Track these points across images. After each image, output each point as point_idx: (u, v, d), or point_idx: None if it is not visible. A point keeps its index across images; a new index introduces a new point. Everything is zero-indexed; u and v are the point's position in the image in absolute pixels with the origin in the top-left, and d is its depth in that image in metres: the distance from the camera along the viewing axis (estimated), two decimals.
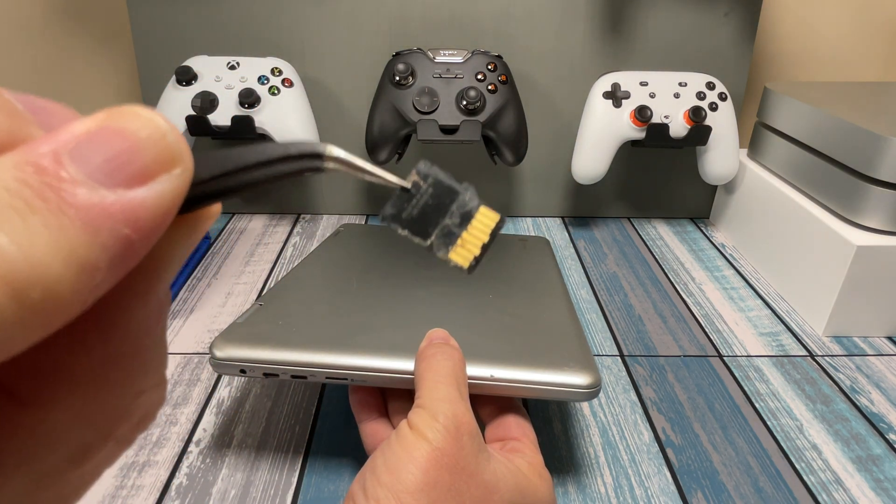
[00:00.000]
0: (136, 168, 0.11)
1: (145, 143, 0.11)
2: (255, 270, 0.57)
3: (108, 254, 0.10)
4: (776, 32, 0.74)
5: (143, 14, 0.61)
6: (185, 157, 0.12)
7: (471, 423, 0.27)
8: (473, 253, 0.17)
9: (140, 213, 0.11)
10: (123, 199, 0.10)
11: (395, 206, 0.17)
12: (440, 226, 0.17)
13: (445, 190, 0.17)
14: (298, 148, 0.14)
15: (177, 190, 0.11)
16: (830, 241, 0.49)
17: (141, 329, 0.13)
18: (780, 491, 0.36)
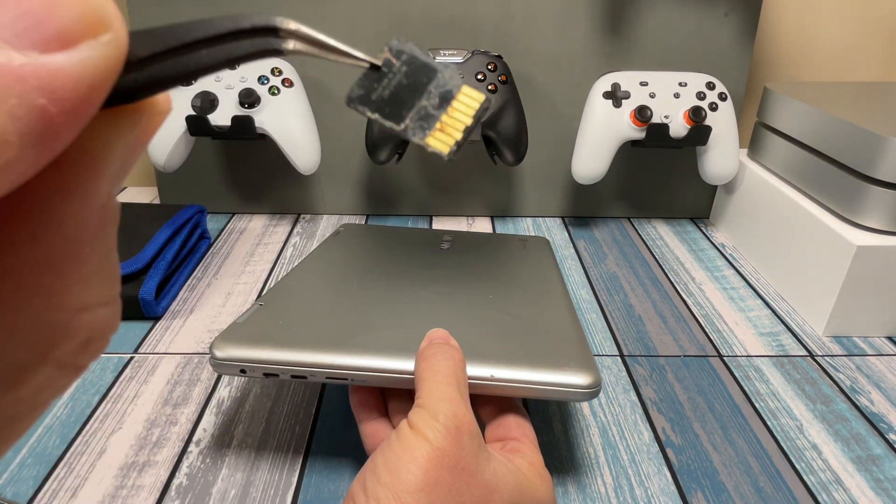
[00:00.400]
0: (53, 29, 0.09)
1: (63, 1, 0.09)
2: (255, 270, 0.57)
3: (20, 125, 0.09)
4: (776, 32, 0.74)
5: (143, 14, 0.61)
6: (114, 23, 0.10)
7: (471, 422, 0.27)
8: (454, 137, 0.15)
9: (58, 81, 0.09)
10: (36, 63, 0.09)
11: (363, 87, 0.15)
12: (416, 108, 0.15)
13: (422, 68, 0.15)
14: (251, 20, 0.13)
15: (105, 60, 0.10)
16: (830, 241, 0.49)
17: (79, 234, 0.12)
18: (780, 491, 0.36)
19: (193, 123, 0.55)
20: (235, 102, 0.56)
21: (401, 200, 0.69)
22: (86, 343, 0.13)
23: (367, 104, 0.15)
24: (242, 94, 0.55)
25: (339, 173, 0.68)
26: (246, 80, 0.57)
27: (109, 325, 0.13)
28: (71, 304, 0.12)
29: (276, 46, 0.13)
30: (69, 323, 0.12)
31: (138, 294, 0.48)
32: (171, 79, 0.12)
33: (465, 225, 0.68)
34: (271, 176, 0.68)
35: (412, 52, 0.15)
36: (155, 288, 0.48)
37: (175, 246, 0.52)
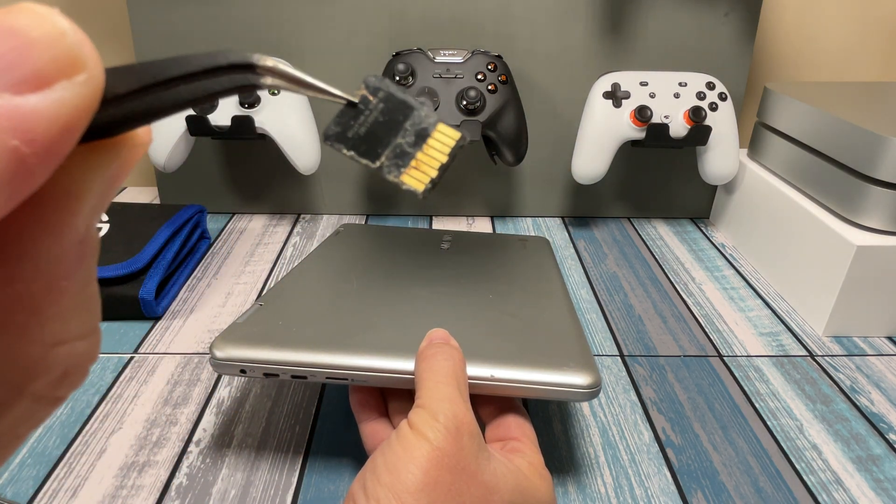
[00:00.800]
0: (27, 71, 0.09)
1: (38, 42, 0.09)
2: (255, 270, 0.57)
3: None
4: (776, 32, 0.74)
5: (143, 14, 0.61)
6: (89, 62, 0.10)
7: (471, 423, 0.27)
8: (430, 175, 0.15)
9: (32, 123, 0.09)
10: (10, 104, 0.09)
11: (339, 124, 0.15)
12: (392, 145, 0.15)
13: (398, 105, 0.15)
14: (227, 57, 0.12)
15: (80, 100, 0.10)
16: (830, 241, 0.49)
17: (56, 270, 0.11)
18: (780, 491, 0.36)
19: (193, 123, 0.55)
20: (235, 102, 0.56)
21: (401, 200, 0.69)
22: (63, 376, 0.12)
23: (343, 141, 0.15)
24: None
25: (339, 173, 0.68)
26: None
27: (88, 356, 0.13)
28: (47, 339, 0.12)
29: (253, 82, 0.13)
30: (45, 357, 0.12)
31: (138, 294, 0.48)
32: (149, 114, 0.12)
33: (465, 225, 0.68)
34: (271, 176, 0.68)
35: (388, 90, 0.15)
36: (155, 288, 0.48)
37: (175, 246, 0.52)
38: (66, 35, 0.10)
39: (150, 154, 0.57)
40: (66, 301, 0.12)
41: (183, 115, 0.55)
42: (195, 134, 0.56)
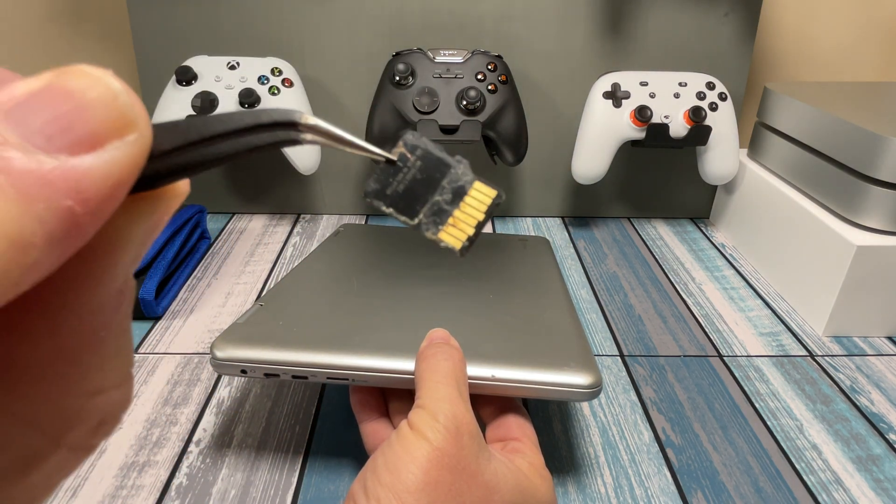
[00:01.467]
0: (82, 132, 0.09)
1: (93, 104, 0.10)
2: (255, 270, 0.57)
3: (46, 228, 0.09)
4: (776, 32, 0.74)
5: (143, 14, 0.61)
6: (140, 122, 0.10)
7: (471, 423, 0.27)
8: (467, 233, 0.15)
9: (85, 183, 0.09)
10: (65, 166, 0.09)
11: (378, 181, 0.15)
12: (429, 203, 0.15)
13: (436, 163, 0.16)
14: (270, 115, 0.13)
15: (131, 159, 0.10)
16: (830, 241, 0.49)
17: (96, 320, 0.12)
18: (780, 491, 0.36)
19: None
20: (235, 102, 0.56)
21: None
22: (99, 425, 0.12)
23: (382, 199, 0.15)
24: (242, 94, 0.55)
25: (339, 173, 0.68)
26: (246, 80, 0.57)
27: (122, 405, 0.13)
28: (86, 390, 0.12)
29: (294, 138, 0.13)
30: (84, 407, 0.12)
31: (138, 294, 0.48)
32: (191, 168, 0.12)
33: None
34: (271, 176, 0.68)
35: (426, 147, 0.16)
36: (155, 288, 0.48)
37: (175, 246, 0.52)
38: (119, 97, 0.10)
39: None
40: (104, 350, 0.12)
41: (184, 115, 0.55)
42: None
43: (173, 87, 0.57)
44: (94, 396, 0.12)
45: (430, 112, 0.56)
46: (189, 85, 0.56)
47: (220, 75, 0.57)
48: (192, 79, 0.56)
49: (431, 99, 0.56)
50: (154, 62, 0.63)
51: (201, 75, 0.57)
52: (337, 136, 0.14)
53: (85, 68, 0.10)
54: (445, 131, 0.56)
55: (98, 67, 0.10)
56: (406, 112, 0.56)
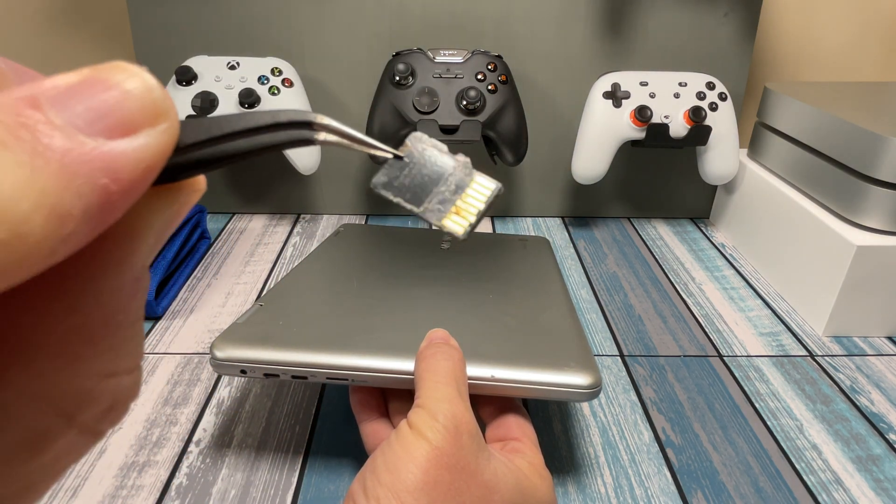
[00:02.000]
0: (119, 118, 0.10)
1: (130, 94, 0.11)
2: (255, 270, 0.57)
3: (83, 202, 0.10)
4: (776, 32, 0.74)
5: (143, 14, 0.61)
6: (170, 114, 0.11)
7: (470, 422, 0.27)
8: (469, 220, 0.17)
9: (120, 164, 0.10)
10: (103, 148, 0.10)
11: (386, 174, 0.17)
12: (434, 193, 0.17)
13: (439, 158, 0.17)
14: (287, 115, 0.14)
15: (160, 146, 0.11)
16: (830, 241, 0.49)
17: (113, 303, 0.12)
18: (780, 491, 0.36)
19: None
20: (235, 102, 0.56)
21: None
22: (108, 409, 0.13)
23: (390, 189, 0.17)
24: (242, 94, 0.55)
25: (339, 173, 0.68)
26: (246, 80, 0.57)
27: (131, 392, 0.14)
28: (99, 371, 0.12)
29: (308, 137, 0.14)
30: (95, 389, 0.12)
31: None
32: (212, 162, 0.13)
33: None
34: (271, 176, 0.68)
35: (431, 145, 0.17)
36: (155, 288, 0.48)
37: (175, 246, 0.52)
38: (154, 90, 0.11)
39: None
40: (118, 335, 0.13)
41: (183, 115, 0.55)
42: None
43: (173, 87, 0.57)
44: (106, 379, 0.13)
45: (430, 112, 0.56)
46: (189, 85, 0.56)
47: (220, 75, 0.57)
48: (192, 79, 0.56)
49: (431, 99, 0.56)
50: (154, 62, 0.63)
51: (201, 75, 0.57)
52: (349, 134, 0.15)
53: (123, 63, 0.11)
54: (445, 131, 0.56)
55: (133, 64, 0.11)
56: (406, 112, 0.56)
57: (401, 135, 0.57)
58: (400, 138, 0.57)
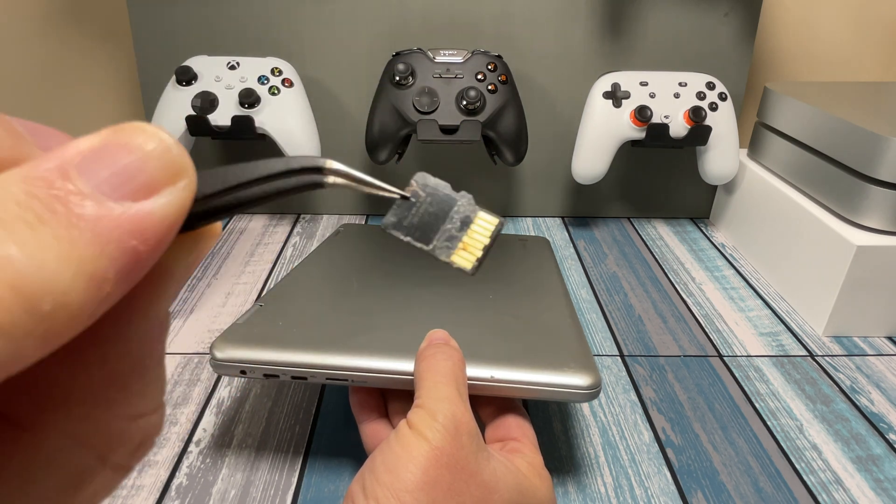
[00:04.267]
0: (143, 181, 0.11)
1: (150, 156, 0.11)
2: (255, 270, 0.57)
3: (116, 265, 0.10)
4: (776, 32, 0.74)
5: (143, 14, 0.61)
6: (189, 170, 0.12)
7: (470, 422, 0.27)
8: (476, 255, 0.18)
9: (147, 224, 0.11)
10: (130, 212, 0.11)
11: (395, 215, 0.18)
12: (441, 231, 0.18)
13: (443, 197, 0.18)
14: (299, 162, 0.15)
15: (182, 202, 0.11)
16: (830, 241, 0.49)
17: (141, 348, 0.13)
18: (780, 491, 0.36)
19: (193, 123, 0.55)
20: (235, 102, 0.56)
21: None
22: (138, 447, 0.14)
23: (400, 230, 0.18)
24: (242, 94, 0.55)
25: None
26: (246, 80, 0.57)
27: (157, 428, 0.14)
28: (130, 414, 0.13)
29: (318, 181, 0.15)
30: (127, 429, 0.13)
31: None
32: (228, 209, 0.14)
33: None
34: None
35: (435, 185, 0.18)
36: None
37: None
38: (172, 149, 0.11)
39: None
40: (146, 377, 0.13)
41: (183, 115, 0.55)
42: (195, 134, 0.56)
43: (173, 87, 0.57)
44: (136, 420, 0.13)
45: (430, 112, 0.56)
46: (189, 85, 0.56)
47: (220, 75, 0.57)
48: (192, 79, 0.56)
49: (431, 99, 0.56)
50: (154, 62, 0.63)
51: (201, 75, 0.57)
52: (357, 178, 0.16)
53: (140, 124, 0.11)
54: (445, 131, 0.56)
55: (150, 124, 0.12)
56: (406, 112, 0.56)
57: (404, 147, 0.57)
58: (399, 139, 0.57)
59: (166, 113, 0.56)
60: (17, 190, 0.10)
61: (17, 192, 0.10)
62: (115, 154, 0.11)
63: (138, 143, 0.11)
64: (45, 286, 0.09)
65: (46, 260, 0.09)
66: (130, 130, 0.11)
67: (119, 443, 0.13)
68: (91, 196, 0.10)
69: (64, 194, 0.10)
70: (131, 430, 0.13)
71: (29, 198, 0.10)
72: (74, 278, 0.10)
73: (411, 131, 0.57)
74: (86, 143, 0.11)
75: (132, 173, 0.11)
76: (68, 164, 0.10)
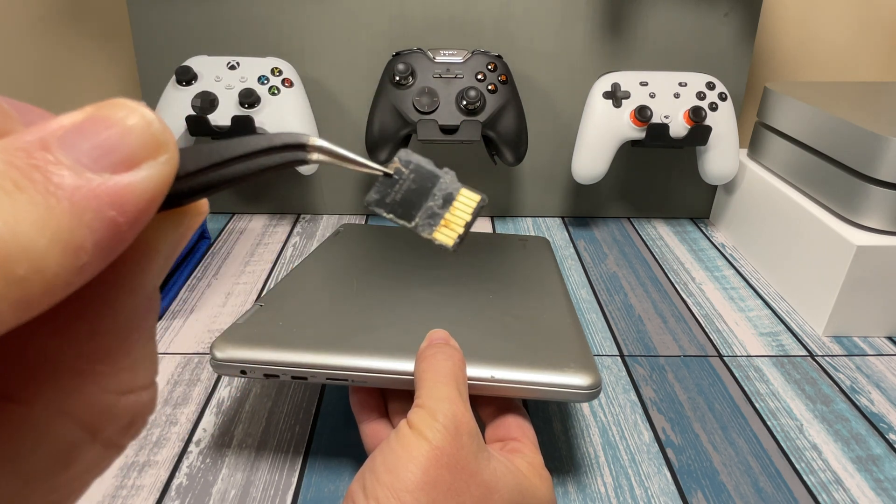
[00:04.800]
0: (122, 154, 0.11)
1: (131, 130, 0.11)
2: (255, 270, 0.57)
3: (94, 235, 0.10)
4: (776, 32, 0.74)
5: (143, 14, 0.61)
6: (170, 145, 0.12)
7: (470, 422, 0.27)
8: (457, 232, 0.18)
9: (126, 196, 0.11)
10: (109, 183, 0.11)
11: (378, 192, 0.18)
12: (423, 208, 0.18)
13: (426, 174, 0.18)
14: (282, 138, 0.15)
15: (162, 176, 0.12)
16: (830, 241, 0.49)
17: (129, 323, 0.13)
18: (780, 491, 0.36)
19: (193, 123, 0.55)
20: (235, 102, 0.56)
21: None
22: (129, 424, 0.14)
23: (382, 206, 0.18)
24: (242, 94, 0.55)
25: (339, 173, 0.68)
26: (246, 80, 0.57)
27: (149, 407, 0.14)
28: (119, 388, 0.13)
29: (302, 158, 0.15)
30: (116, 405, 0.13)
31: None
32: (212, 187, 0.14)
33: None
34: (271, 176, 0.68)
35: (418, 162, 0.18)
36: None
37: None
38: (153, 124, 0.12)
39: None
40: (135, 353, 0.14)
41: (183, 115, 0.55)
42: (195, 134, 0.56)
43: (173, 87, 0.57)
44: (126, 395, 0.14)
45: (430, 112, 0.56)
46: (189, 85, 0.56)
47: (220, 75, 0.57)
48: (192, 79, 0.56)
49: (431, 99, 0.56)
50: (154, 62, 0.63)
51: (201, 75, 0.57)
52: (340, 154, 0.16)
53: (122, 100, 0.12)
54: (445, 131, 0.56)
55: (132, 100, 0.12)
56: (406, 112, 0.56)
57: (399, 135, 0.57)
58: (400, 139, 0.57)
59: (166, 113, 0.56)
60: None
61: None
62: (96, 128, 0.11)
63: (119, 116, 0.11)
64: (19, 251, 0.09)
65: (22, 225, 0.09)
66: (112, 105, 0.11)
67: (109, 418, 0.13)
68: (70, 167, 0.10)
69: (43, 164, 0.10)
70: (121, 405, 0.13)
71: (7, 167, 0.10)
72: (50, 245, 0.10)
73: (411, 131, 0.57)
74: (68, 119, 0.11)
75: (112, 146, 0.11)
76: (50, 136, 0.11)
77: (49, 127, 0.11)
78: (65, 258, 0.10)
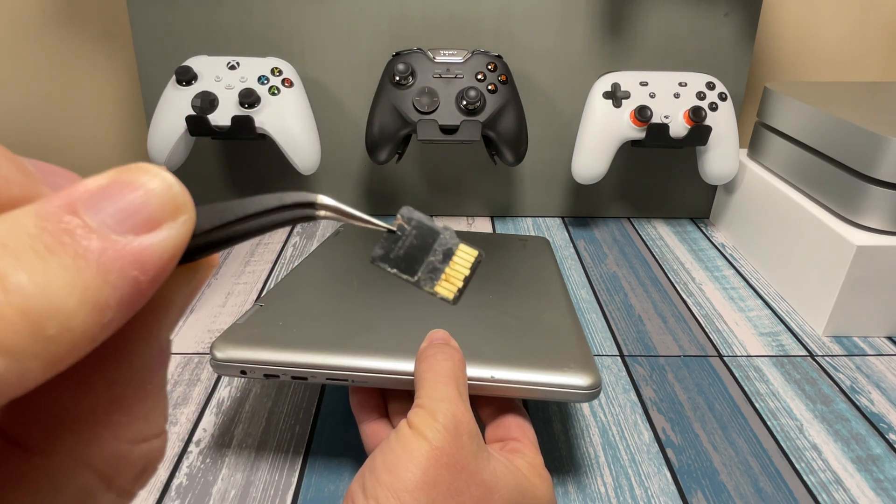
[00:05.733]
0: (145, 216, 0.12)
1: (153, 193, 0.12)
2: (255, 270, 0.57)
3: (118, 293, 0.11)
4: (776, 32, 0.74)
5: (143, 14, 0.61)
6: (188, 207, 0.13)
7: (470, 422, 0.27)
8: (457, 286, 0.19)
9: (147, 256, 0.12)
10: (133, 244, 0.11)
11: (382, 248, 0.19)
12: (425, 263, 0.19)
13: (427, 231, 0.19)
14: (292, 198, 0.16)
15: (181, 236, 0.12)
16: (830, 241, 0.49)
17: (144, 373, 0.14)
18: (780, 491, 0.36)
19: (193, 123, 0.55)
20: (235, 102, 0.56)
21: (401, 200, 0.69)
22: (141, 471, 0.14)
23: (387, 262, 0.19)
24: (242, 94, 0.55)
25: (339, 173, 0.68)
26: (246, 80, 0.57)
27: (160, 454, 0.15)
28: (133, 437, 0.14)
29: (310, 215, 0.16)
30: (131, 453, 0.14)
31: None
32: (224, 242, 0.15)
33: (465, 225, 0.68)
34: (271, 176, 0.68)
35: (419, 219, 0.19)
36: None
37: None
38: (173, 187, 0.12)
39: (150, 154, 0.57)
40: (149, 402, 0.14)
41: (183, 115, 0.55)
42: (195, 134, 0.56)
43: (173, 87, 0.57)
44: (140, 444, 0.14)
45: (430, 112, 0.56)
46: (189, 85, 0.56)
47: (220, 75, 0.57)
48: (192, 79, 0.56)
49: (431, 99, 0.56)
50: (154, 62, 0.63)
51: (201, 75, 0.57)
52: (346, 212, 0.16)
53: (145, 165, 0.12)
54: (445, 131, 0.56)
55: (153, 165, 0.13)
56: (406, 112, 0.56)
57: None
58: (399, 139, 0.57)
59: (166, 113, 0.56)
60: (30, 224, 0.11)
61: (30, 226, 0.11)
62: (121, 191, 0.12)
63: (142, 181, 0.12)
64: (51, 311, 0.10)
65: (53, 287, 0.10)
66: (135, 170, 0.12)
67: (123, 466, 0.14)
68: (97, 230, 0.11)
69: (72, 228, 0.11)
70: (135, 453, 0.14)
71: (40, 231, 0.11)
72: (79, 304, 0.10)
73: (411, 131, 0.57)
74: (93, 182, 0.12)
75: (135, 209, 0.12)
76: (77, 200, 0.11)
77: (76, 191, 0.11)
78: (91, 316, 0.11)
